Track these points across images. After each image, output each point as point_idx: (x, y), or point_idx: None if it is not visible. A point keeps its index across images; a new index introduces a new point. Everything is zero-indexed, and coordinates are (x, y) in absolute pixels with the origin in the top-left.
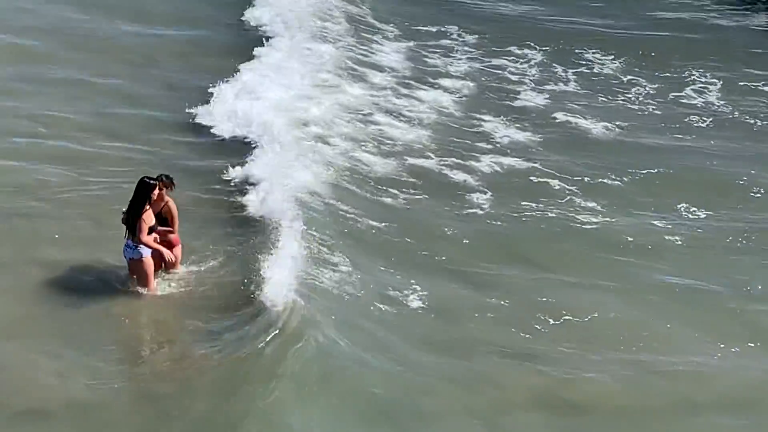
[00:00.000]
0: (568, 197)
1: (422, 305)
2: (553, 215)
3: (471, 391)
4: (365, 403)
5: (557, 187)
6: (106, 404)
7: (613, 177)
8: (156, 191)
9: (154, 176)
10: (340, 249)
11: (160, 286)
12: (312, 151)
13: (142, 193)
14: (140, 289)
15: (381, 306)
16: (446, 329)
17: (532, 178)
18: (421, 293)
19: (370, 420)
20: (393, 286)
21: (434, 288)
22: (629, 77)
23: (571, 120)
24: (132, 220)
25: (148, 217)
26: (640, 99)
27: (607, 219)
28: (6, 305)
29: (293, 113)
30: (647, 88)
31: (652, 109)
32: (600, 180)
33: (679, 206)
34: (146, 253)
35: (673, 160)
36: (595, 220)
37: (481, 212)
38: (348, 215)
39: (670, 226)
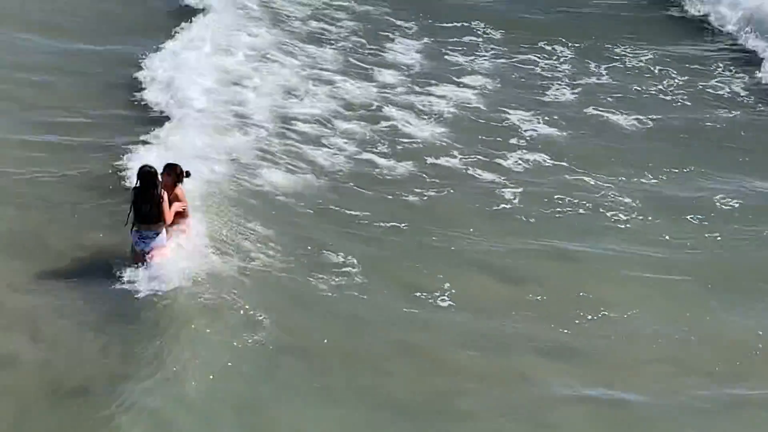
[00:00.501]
0: (602, 192)
1: (453, 303)
2: (587, 211)
3: (509, 389)
4: (400, 404)
5: (591, 183)
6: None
7: (646, 172)
8: (165, 177)
9: (152, 164)
10: (357, 250)
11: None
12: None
13: (150, 181)
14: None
15: (410, 305)
16: (480, 327)
17: (563, 173)
18: (451, 291)
19: (408, 421)
20: (422, 284)
21: (465, 286)
22: (659, 68)
23: (603, 114)
24: (151, 208)
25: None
26: (672, 90)
27: (642, 214)
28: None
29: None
30: (676, 80)
31: (684, 101)
32: (633, 175)
33: (715, 201)
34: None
35: (708, 154)
36: (629, 215)
37: (511, 208)
38: (361, 215)
39: (706, 222)
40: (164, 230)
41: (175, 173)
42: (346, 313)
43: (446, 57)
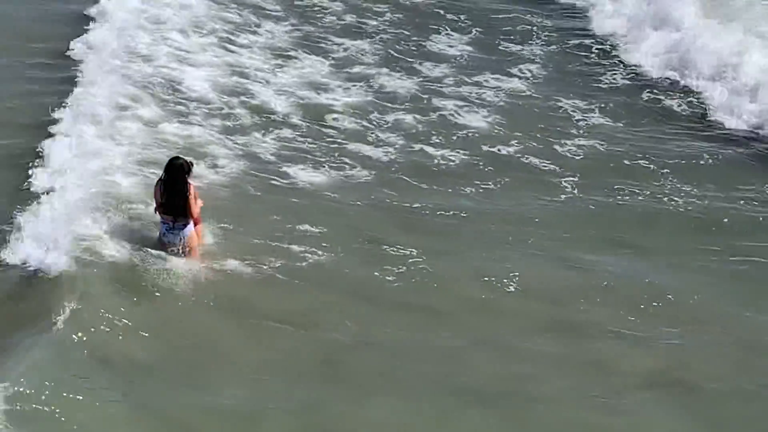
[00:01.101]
0: (661, 179)
1: (522, 291)
2: (647, 198)
3: (582, 375)
4: (473, 392)
5: (650, 169)
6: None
7: (707, 156)
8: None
9: (179, 156)
10: (418, 242)
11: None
12: None
13: (180, 173)
14: (183, 265)
15: (480, 293)
16: (551, 313)
17: (620, 160)
18: (519, 279)
19: (481, 409)
20: (489, 273)
21: (533, 273)
22: None
23: (659, 98)
24: (179, 201)
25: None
26: None
27: (702, 200)
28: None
29: None
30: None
31: None
32: (693, 160)
33: None
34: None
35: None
36: (690, 200)
37: (570, 196)
38: (418, 207)
39: None
40: (191, 224)
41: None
42: (415, 303)
43: (497, 47)
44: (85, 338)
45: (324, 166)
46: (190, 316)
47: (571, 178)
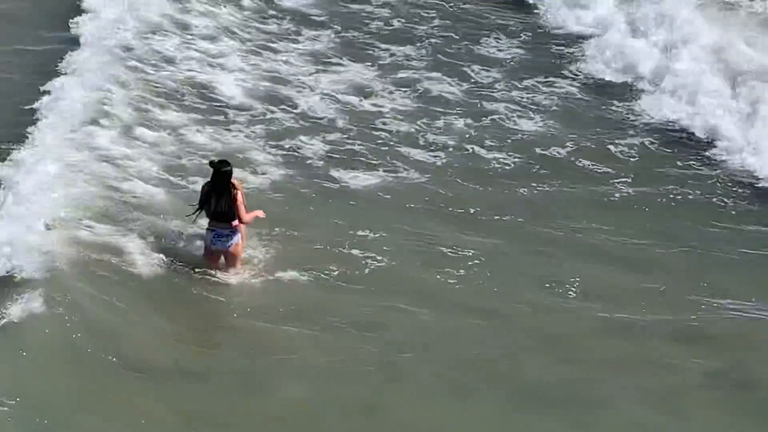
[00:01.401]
0: (713, 179)
1: (582, 293)
2: (702, 197)
3: (643, 376)
4: (535, 394)
5: (703, 172)
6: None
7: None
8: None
9: (226, 161)
10: (476, 245)
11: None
12: None
13: (227, 179)
14: (232, 273)
15: (540, 296)
16: (611, 315)
17: (675, 161)
18: (579, 281)
19: (543, 410)
20: (549, 275)
21: (592, 275)
22: None
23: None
24: (225, 206)
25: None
26: None
27: (754, 200)
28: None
29: None
30: None
31: None
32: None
33: None
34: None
35: None
36: (741, 202)
37: (626, 198)
38: (475, 210)
39: None
40: (238, 231)
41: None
42: (475, 306)
43: (548, 50)
44: (139, 348)
45: (377, 170)
46: (247, 324)
47: (626, 179)
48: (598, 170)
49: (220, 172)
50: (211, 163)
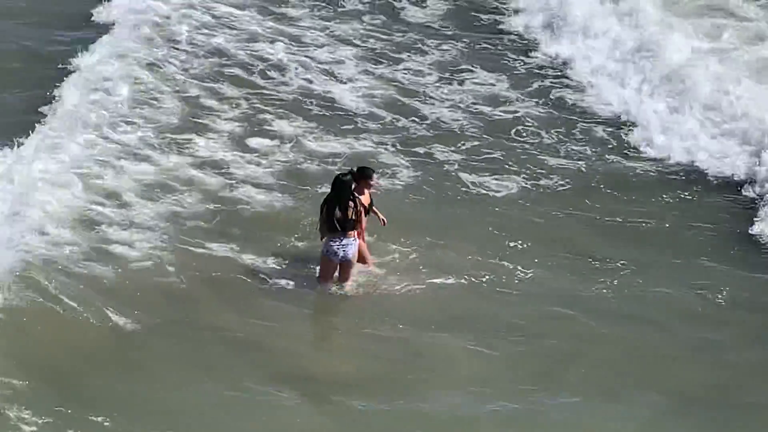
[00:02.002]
0: None
1: (731, 300)
2: None
3: None
4: (687, 397)
5: None
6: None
7: None
8: (358, 184)
9: (347, 171)
10: (623, 252)
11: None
12: None
13: (347, 189)
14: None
15: (693, 303)
16: (761, 323)
17: None
18: (727, 289)
19: (694, 414)
20: (699, 282)
21: (738, 283)
22: None
23: None
24: (347, 216)
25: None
26: None
27: None
28: None
29: None
30: None
31: None
32: None
33: None
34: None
35: None
36: None
37: None
38: (616, 217)
39: None
40: (357, 239)
41: (365, 177)
42: (628, 313)
43: None
44: (289, 360)
45: (517, 176)
46: (399, 332)
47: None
48: (736, 178)
49: (338, 181)
50: (355, 170)
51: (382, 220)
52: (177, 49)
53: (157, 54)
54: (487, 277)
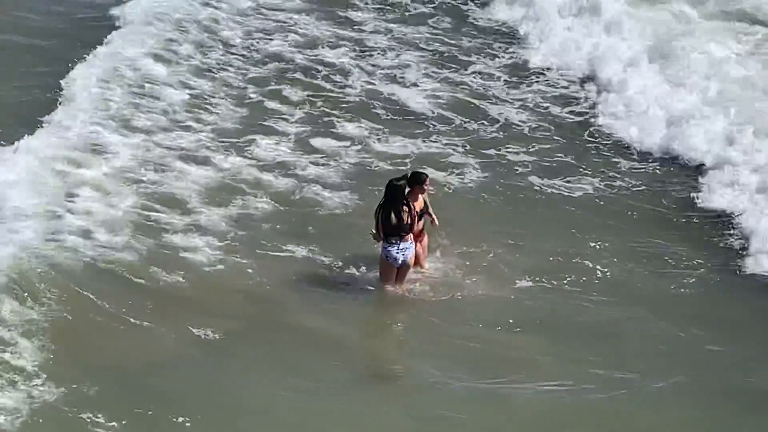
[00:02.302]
0: None
1: None
2: None
3: None
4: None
5: None
6: None
7: None
8: (411, 189)
9: (400, 176)
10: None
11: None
12: None
13: (400, 194)
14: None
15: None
16: None
17: None
18: None
19: None
20: None
21: None
22: None
23: None
24: (401, 220)
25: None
26: None
27: None
28: None
29: None
30: None
31: None
32: None
33: None
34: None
35: None
36: None
37: None
38: (696, 215)
39: None
40: (414, 242)
41: (419, 182)
42: (707, 313)
43: None
44: (370, 360)
45: (591, 177)
46: (480, 333)
47: None
48: None
49: (394, 186)
50: (413, 175)
51: (433, 221)
52: (232, 53)
53: (210, 59)
54: (567, 278)
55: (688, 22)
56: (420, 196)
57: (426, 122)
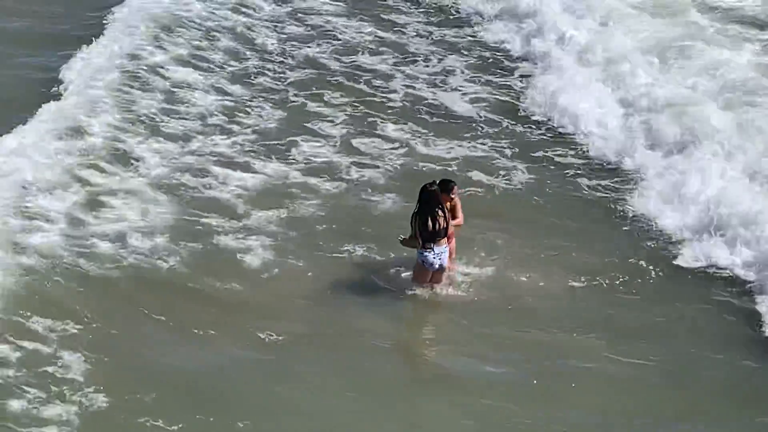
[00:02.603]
0: None
1: None
2: None
3: None
4: None
5: None
6: None
7: None
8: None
9: (432, 182)
10: None
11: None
12: None
13: (434, 200)
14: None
15: None
16: None
17: None
18: None
19: None
20: None
21: None
22: None
23: None
24: (436, 225)
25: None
26: None
27: None
28: None
29: None
30: None
31: None
32: None
33: None
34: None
35: None
36: None
37: None
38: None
39: None
40: (448, 246)
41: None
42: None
43: None
44: (418, 360)
45: (640, 180)
46: (534, 333)
47: None
48: None
49: (425, 192)
50: (441, 183)
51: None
52: (270, 60)
53: (248, 65)
54: (620, 278)
55: None
56: (449, 203)
57: (469, 124)
